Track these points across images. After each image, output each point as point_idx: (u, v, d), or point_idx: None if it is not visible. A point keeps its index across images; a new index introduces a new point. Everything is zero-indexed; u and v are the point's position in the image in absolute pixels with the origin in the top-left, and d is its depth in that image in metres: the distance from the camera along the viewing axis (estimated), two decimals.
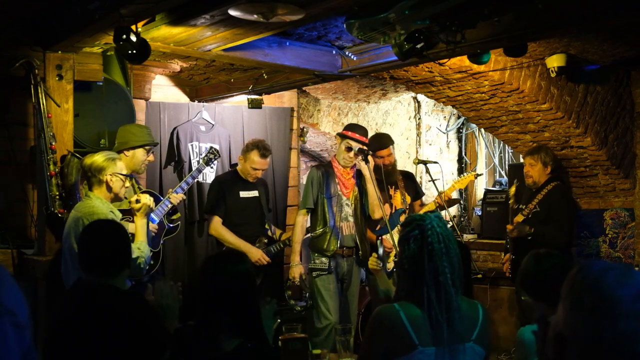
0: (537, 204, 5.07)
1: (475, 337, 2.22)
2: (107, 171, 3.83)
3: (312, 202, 4.88)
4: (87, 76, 4.43)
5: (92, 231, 2.85)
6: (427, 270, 2.15)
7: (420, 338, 2.12)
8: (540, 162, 5.12)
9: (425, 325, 2.13)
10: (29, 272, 4.33)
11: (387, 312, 2.19)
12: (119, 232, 2.82)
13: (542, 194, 5.11)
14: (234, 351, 2.23)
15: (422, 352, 2.12)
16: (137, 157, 4.45)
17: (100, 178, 3.82)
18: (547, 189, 5.12)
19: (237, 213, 5.07)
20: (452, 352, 2.14)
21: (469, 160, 7.93)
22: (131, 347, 2.51)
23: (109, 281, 2.65)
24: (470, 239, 6.67)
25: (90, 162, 3.84)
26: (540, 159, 5.13)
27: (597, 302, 1.22)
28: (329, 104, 7.13)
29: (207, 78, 5.67)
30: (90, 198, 3.83)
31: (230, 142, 5.75)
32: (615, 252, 5.59)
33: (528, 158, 5.19)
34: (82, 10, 3.61)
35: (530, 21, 3.57)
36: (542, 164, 5.12)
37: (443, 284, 2.14)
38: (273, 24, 3.56)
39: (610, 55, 4.78)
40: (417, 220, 2.23)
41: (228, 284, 2.33)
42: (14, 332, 1.37)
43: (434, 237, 2.17)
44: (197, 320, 2.35)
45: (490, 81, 4.94)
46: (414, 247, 2.18)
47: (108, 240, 2.73)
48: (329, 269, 4.82)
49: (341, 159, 4.90)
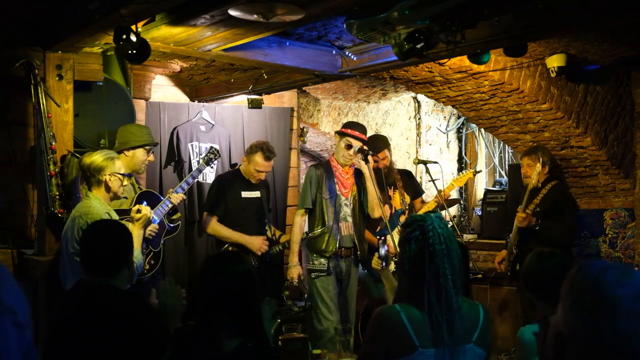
0: (538, 204, 5.05)
1: (476, 338, 2.21)
2: (106, 171, 3.83)
3: (311, 202, 4.83)
4: (87, 76, 4.43)
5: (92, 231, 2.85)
6: (428, 271, 2.14)
7: (420, 339, 2.12)
8: (538, 162, 5.10)
9: (425, 326, 2.13)
10: (29, 272, 4.33)
11: (388, 313, 2.19)
12: (119, 232, 2.81)
13: (542, 194, 5.10)
14: (234, 351, 2.23)
15: (422, 353, 2.12)
16: (137, 157, 4.45)
17: (99, 178, 3.82)
18: (546, 189, 5.11)
19: (238, 213, 5.06)
20: (452, 354, 2.14)
21: (469, 160, 7.93)
22: (131, 347, 2.51)
23: (109, 281, 2.65)
24: (470, 239, 6.67)
25: (89, 162, 3.84)
26: (538, 158, 5.11)
27: (597, 302, 1.22)
28: (329, 104, 7.13)
29: (207, 78, 5.67)
30: (89, 198, 3.83)
31: (230, 142, 5.75)
32: (615, 252, 5.59)
33: (526, 158, 5.17)
34: (82, 10, 3.62)
35: (530, 21, 3.57)
36: (540, 163, 5.10)
37: (444, 286, 2.14)
38: (273, 24, 3.56)
39: (610, 55, 4.78)
40: (418, 221, 2.22)
41: (228, 284, 2.32)
42: (15, 331, 1.37)
43: (435, 238, 2.16)
44: (197, 320, 2.35)
45: (490, 81, 4.94)
46: (415, 248, 2.18)
47: (108, 240, 2.73)
48: (328, 270, 4.79)
49: (340, 157, 4.85)
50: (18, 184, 4.74)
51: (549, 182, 5.14)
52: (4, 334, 1.34)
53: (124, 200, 4.42)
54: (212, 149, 4.99)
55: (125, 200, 4.43)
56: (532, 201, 5.08)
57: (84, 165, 3.86)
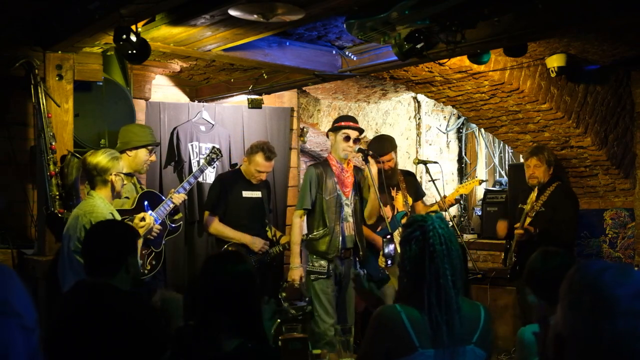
0: (542, 204, 5.03)
1: (477, 339, 2.20)
2: (112, 171, 3.87)
3: (310, 202, 4.74)
4: (87, 76, 4.43)
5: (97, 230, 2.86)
6: (428, 271, 2.14)
7: (420, 340, 2.12)
8: (544, 162, 5.06)
9: (425, 327, 2.13)
10: (29, 272, 4.33)
11: (389, 313, 2.19)
12: (123, 233, 2.81)
13: (546, 194, 5.06)
14: (234, 351, 2.23)
15: (422, 354, 2.11)
16: (139, 157, 4.47)
17: (105, 178, 3.85)
18: (550, 190, 5.08)
19: (238, 213, 5.05)
20: (452, 354, 2.13)
21: (469, 160, 7.94)
22: (131, 347, 2.51)
23: (110, 281, 2.65)
24: (470, 239, 6.67)
25: (95, 162, 3.84)
26: (544, 158, 5.07)
27: (596, 302, 1.22)
28: (329, 104, 7.13)
29: (207, 78, 5.67)
30: (92, 197, 3.84)
31: (230, 142, 5.75)
32: (615, 252, 5.59)
33: (533, 159, 5.06)
34: (82, 10, 3.62)
35: (530, 21, 3.57)
36: (546, 164, 5.06)
37: (444, 286, 2.14)
38: (273, 24, 3.56)
39: (610, 55, 4.78)
40: (419, 222, 2.22)
41: (228, 284, 2.32)
42: (21, 334, 1.37)
43: (436, 238, 2.16)
44: (197, 320, 2.35)
45: (490, 81, 4.94)
46: (416, 248, 2.18)
47: (112, 240, 2.73)
48: (328, 273, 4.70)
49: (340, 150, 4.75)
50: (18, 184, 4.73)
51: (553, 182, 5.13)
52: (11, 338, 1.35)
53: (125, 200, 4.43)
54: (215, 148, 4.98)
55: (127, 200, 4.44)
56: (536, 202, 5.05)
57: (89, 165, 3.86)
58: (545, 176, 5.07)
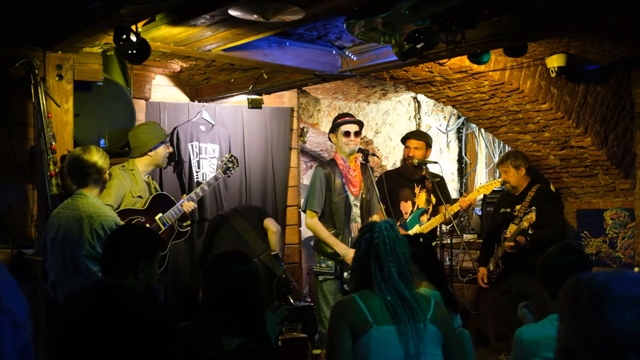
0: (525, 211, 5.03)
1: (430, 317, 2.45)
2: (107, 170, 3.94)
3: (320, 204, 4.65)
4: (87, 76, 4.43)
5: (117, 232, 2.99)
6: (373, 267, 2.46)
7: (375, 318, 2.39)
8: (511, 167, 5.15)
9: (381, 308, 2.41)
10: (29, 272, 4.33)
11: (345, 300, 2.55)
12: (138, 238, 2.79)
13: (527, 200, 5.09)
14: (235, 350, 2.23)
15: (377, 329, 2.37)
16: (159, 154, 4.66)
17: (101, 177, 3.86)
18: (530, 194, 5.11)
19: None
20: (414, 330, 2.40)
21: (469, 160, 7.94)
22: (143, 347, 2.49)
23: (123, 282, 2.64)
24: (470, 239, 6.67)
25: (93, 160, 3.82)
26: (510, 164, 5.16)
27: (594, 296, 1.26)
28: (329, 104, 7.13)
29: (207, 78, 5.67)
30: (86, 197, 3.79)
31: (230, 142, 5.75)
32: (615, 252, 5.59)
33: (500, 168, 5.25)
34: (82, 10, 3.61)
35: (530, 21, 3.57)
36: (513, 168, 5.14)
37: (389, 278, 2.45)
38: (273, 24, 3.56)
39: (610, 55, 4.78)
40: (370, 225, 2.56)
41: (231, 284, 2.33)
42: (11, 330, 1.37)
43: (380, 239, 2.48)
44: (198, 320, 2.35)
45: (490, 81, 4.94)
46: (364, 247, 2.51)
47: (124, 242, 2.72)
48: (336, 274, 4.64)
49: (344, 146, 4.69)
50: (18, 184, 4.73)
51: (532, 186, 5.16)
52: (1, 333, 1.35)
53: (138, 199, 4.45)
54: (232, 157, 5.03)
55: (139, 200, 4.46)
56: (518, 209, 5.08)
57: (87, 163, 3.81)
58: (518, 180, 5.15)
